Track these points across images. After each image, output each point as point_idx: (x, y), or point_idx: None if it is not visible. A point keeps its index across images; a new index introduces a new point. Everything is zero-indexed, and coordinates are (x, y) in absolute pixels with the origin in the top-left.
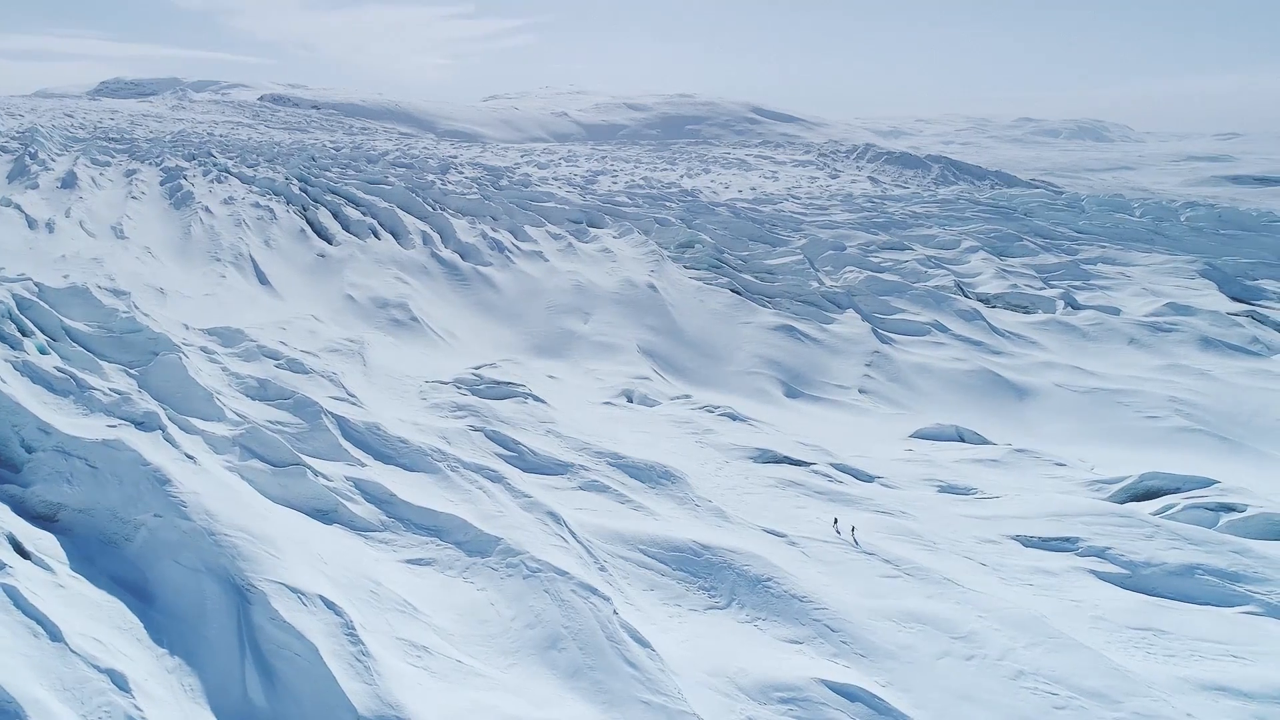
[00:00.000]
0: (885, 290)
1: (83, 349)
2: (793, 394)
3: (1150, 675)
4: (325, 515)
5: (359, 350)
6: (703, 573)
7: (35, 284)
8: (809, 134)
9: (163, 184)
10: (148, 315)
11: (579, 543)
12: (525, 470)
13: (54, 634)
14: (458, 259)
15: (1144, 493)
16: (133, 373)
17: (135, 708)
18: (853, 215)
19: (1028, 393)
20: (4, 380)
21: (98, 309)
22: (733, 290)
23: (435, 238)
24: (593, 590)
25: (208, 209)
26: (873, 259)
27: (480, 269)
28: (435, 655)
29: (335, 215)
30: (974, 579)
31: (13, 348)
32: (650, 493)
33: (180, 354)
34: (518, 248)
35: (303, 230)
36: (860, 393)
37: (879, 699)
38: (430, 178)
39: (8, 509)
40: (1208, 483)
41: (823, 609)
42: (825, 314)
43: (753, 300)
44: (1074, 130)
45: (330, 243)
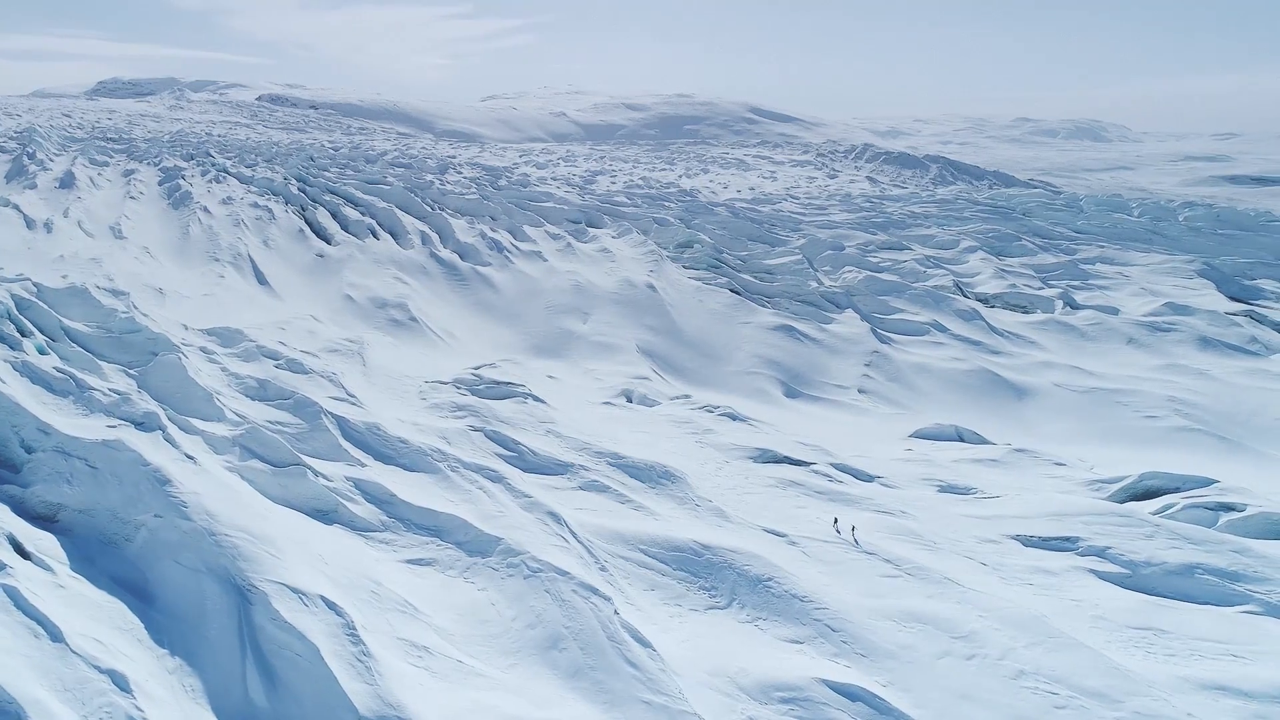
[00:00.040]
0: (884, 290)
1: (82, 349)
2: (792, 394)
3: (1150, 675)
4: (325, 515)
5: (358, 350)
6: (703, 572)
7: (34, 284)
8: (807, 134)
9: (161, 184)
10: (147, 315)
11: (579, 543)
12: (525, 470)
13: (54, 634)
14: (456, 259)
15: (1144, 492)
16: (132, 373)
17: (136, 708)
18: (851, 215)
19: (1027, 392)
20: (3, 381)
21: (97, 309)
22: (732, 290)
23: (434, 238)
24: (593, 590)
25: (206, 209)
26: (871, 259)
27: (479, 269)
28: (436, 655)
29: (334, 215)
30: (974, 579)
31: (12, 348)
32: (650, 493)
33: (179, 354)
34: (516, 248)
35: (301, 230)
36: (860, 392)
37: (880, 699)
38: (429, 178)
39: (8, 509)
40: (1207, 482)
41: (823, 609)
42: (824, 314)
43: (752, 300)
44: (1072, 130)
45: (329, 243)
